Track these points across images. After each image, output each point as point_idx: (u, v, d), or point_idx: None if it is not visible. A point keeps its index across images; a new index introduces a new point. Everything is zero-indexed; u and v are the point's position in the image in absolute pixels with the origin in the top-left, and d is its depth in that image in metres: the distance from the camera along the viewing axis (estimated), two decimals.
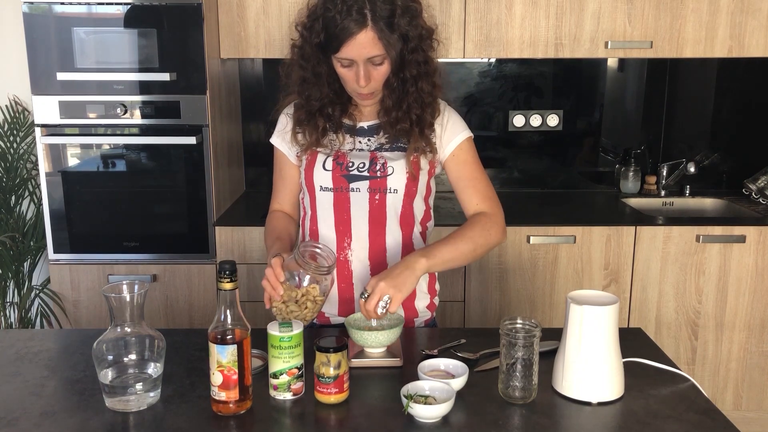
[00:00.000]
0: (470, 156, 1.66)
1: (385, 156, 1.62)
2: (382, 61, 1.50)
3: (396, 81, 1.55)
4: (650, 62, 3.19)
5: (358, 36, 1.45)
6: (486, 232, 1.60)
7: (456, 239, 1.57)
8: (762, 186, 3.06)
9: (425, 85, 1.56)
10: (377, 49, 1.47)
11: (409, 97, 1.56)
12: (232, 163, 3.06)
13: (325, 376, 1.28)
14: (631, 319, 2.78)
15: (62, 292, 2.75)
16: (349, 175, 1.61)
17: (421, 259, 1.49)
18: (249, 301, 2.65)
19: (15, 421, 1.26)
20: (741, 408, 2.86)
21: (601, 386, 1.31)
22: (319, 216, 1.66)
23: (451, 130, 1.65)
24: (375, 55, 1.48)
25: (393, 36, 1.47)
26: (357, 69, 1.50)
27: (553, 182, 3.31)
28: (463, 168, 1.66)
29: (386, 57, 1.49)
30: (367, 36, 1.45)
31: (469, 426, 1.24)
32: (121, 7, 2.56)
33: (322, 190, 1.64)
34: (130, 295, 1.28)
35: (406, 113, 1.58)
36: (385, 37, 1.46)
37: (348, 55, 1.48)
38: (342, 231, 1.64)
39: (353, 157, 1.62)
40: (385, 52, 1.48)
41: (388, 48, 1.47)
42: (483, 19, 2.80)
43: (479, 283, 2.73)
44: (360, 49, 1.47)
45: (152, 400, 1.31)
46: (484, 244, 1.60)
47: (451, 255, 1.55)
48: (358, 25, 1.44)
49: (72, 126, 2.66)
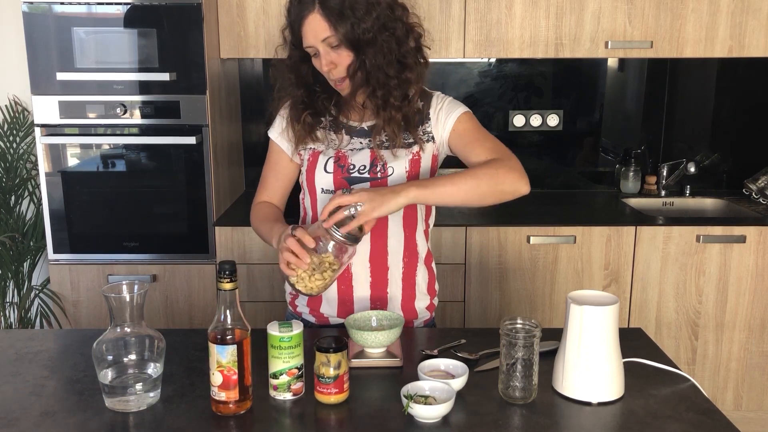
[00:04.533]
0: (472, 125, 1.63)
1: (385, 156, 1.62)
2: (338, 43, 1.51)
3: (357, 63, 1.54)
4: (650, 62, 3.19)
5: (308, 19, 1.51)
6: (494, 172, 1.49)
7: (456, 175, 1.49)
8: (762, 186, 3.06)
9: (387, 67, 1.54)
10: (326, 30, 1.50)
11: (371, 79, 1.56)
12: (232, 163, 3.06)
13: (325, 376, 1.28)
14: (631, 319, 2.78)
15: (62, 292, 2.75)
16: (350, 177, 1.62)
17: (411, 187, 1.44)
18: (249, 301, 2.65)
19: (15, 421, 1.25)
20: (741, 408, 2.85)
21: (601, 386, 1.31)
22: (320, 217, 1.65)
23: (447, 109, 1.64)
24: (326, 36, 1.51)
25: (338, 14, 1.49)
26: (320, 55, 1.54)
27: (553, 182, 3.30)
28: (467, 135, 1.62)
29: (337, 37, 1.50)
30: (315, 18, 1.50)
31: (469, 426, 1.24)
32: (121, 7, 2.56)
33: (323, 192, 1.65)
34: (130, 295, 1.28)
35: (371, 97, 1.59)
36: (332, 17, 1.49)
37: (307, 42, 1.53)
38: None
39: (354, 159, 1.63)
40: (334, 33, 1.50)
41: (335, 28, 1.49)
42: (483, 19, 2.80)
43: (479, 283, 2.73)
44: (313, 33, 1.51)
45: (152, 400, 1.30)
46: (491, 185, 1.48)
47: (448, 189, 1.46)
48: (307, 9, 1.51)
49: (72, 126, 2.66)
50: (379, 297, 1.67)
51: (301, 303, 1.73)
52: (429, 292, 1.74)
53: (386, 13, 1.53)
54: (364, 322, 1.53)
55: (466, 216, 2.77)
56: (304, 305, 1.73)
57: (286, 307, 1.79)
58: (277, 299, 2.62)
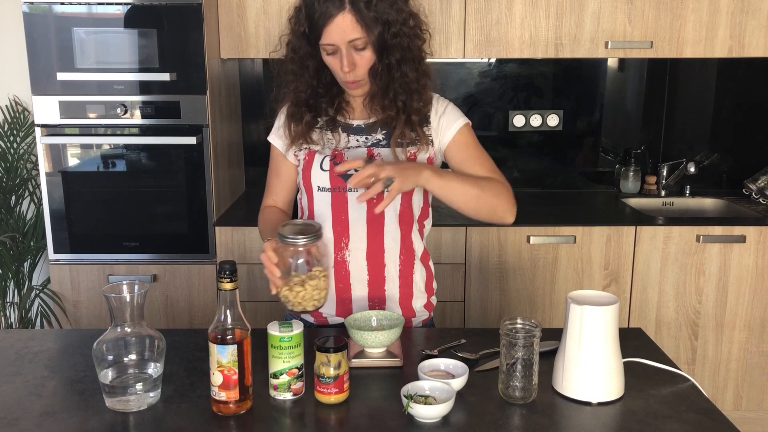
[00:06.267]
0: (471, 139, 1.67)
1: (383, 154, 1.62)
2: (364, 46, 1.50)
3: (381, 66, 1.55)
4: (650, 62, 3.19)
5: (337, 18, 1.47)
6: (497, 192, 1.58)
7: (468, 177, 1.56)
8: (762, 186, 3.06)
9: (410, 71, 1.56)
10: (357, 32, 1.48)
11: (394, 83, 1.56)
12: (232, 163, 3.06)
13: (325, 376, 1.28)
14: (631, 319, 2.78)
15: (62, 292, 2.75)
16: (347, 175, 1.60)
17: (426, 170, 1.47)
18: (249, 301, 2.64)
19: (15, 421, 1.26)
20: (741, 408, 2.86)
21: (601, 386, 1.31)
22: (317, 216, 1.66)
23: (449, 117, 1.66)
24: (355, 38, 1.49)
25: (372, 18, 1.48)
26: (340, 55, 1.51)
27: (553, 182, 3.30)
28: (466, 149, 1.65)
29: (367, 40, 1.49)
30: (346, 18, 1.47)
31: (469, 426, 1.24)
32: (121, 7, 2.56)
33: (319, 191, 1.65)
34: (130, 295, 1.28)
35: (393, 100, 1.58)
36: (363, 19, 1.47)
37: (330, 40, 1.50)
38: (339, 231, 1.64)
39: (351, 156, 1.62)
40: (365, 35, 1.48)
41: (368, 30, 1.48)
42: (483, 19, 2.80)
43: (479, 283, 2.73)
44: (340, 33, 1.48)
45: (152, 400, 1.31)
46: (491, 203, 1.57)
47: (457, 187, 1.52)
48: (337, 8, 1.47)
49: (72, 126, 2.66)
50: (377, 296, 1.67)
51: None
52: (427, 290, 1.74)
53: (409, 20, 1.54)
54: (364, 322, 1.54)
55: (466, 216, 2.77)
56: None
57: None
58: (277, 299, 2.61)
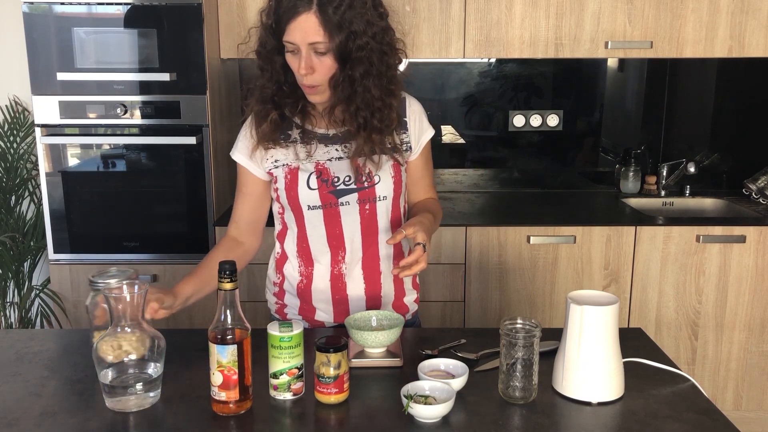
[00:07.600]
0: (429, 152, 1.73)
1: (368, 164, 1.57)
2: (325, 51, 1.43)
3: (342, 77, 1.48)
4: (650, 62, 3.19)
5: (301, 17, 1.41)
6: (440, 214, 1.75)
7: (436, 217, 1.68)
8: (762, 186, 3.06)
9: (373, 88, 1.49)
10: (319, 35, 1.42)
11: (356, 98, 1.50)
12: (232, 163, 3.04)
13: (325, 376, 1.28)
14: (631, 319, 2.78)
15: (62, 292, 2.75)
16: (337, 190, 1.58)
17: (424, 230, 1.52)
18: (249, 301, 2.64)
19: (15, 421, 1.26)
20: (741, 408, 2.85)
21: (601, 386, 1.31)
22: (309, 233, 1.62)
23: (421, 124, 1.67)
24: (316, 41, 1.42)
25: (337, 24, 1.41)
26: (300, 55, 1.45)
27: (553, 182, 3.31)
28: (425, 167, 1.73)
29: (329, 46, 1.43)
30: (309, 19, 1.41)
31: (469, 426, 1.24)
32: (121, 7, 2.56)
33: (310, 209, 1.60)
34: (130, 295, 1.28)
35: (354, 115, 1.53)
36: (328, 23, 1.41)
37: (291, 38, 1.43)
38: (335, 246, 1.62)
39: (336, 171, 1.58)
40: (327, 40, 1.42)
41: (330, 36, 1.41)
42: (483, 19, 2.80)
43: (479, 283, 2.73)
44: (302, 33, 1.42)
45: (152, 400, 1.31)
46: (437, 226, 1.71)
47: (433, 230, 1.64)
48: (303, 6, 1.41)
49: (72, 126, 2.66)
50: (374, 302, 1.68)
51: (292, 312, 1.72)
52: (413, 286, 1.77)
53: (381, 35, 1.48)
54: (364, 322, 1.54)
55: (466, 216, 2.77)
56: (296, 314, 1.71)
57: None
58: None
